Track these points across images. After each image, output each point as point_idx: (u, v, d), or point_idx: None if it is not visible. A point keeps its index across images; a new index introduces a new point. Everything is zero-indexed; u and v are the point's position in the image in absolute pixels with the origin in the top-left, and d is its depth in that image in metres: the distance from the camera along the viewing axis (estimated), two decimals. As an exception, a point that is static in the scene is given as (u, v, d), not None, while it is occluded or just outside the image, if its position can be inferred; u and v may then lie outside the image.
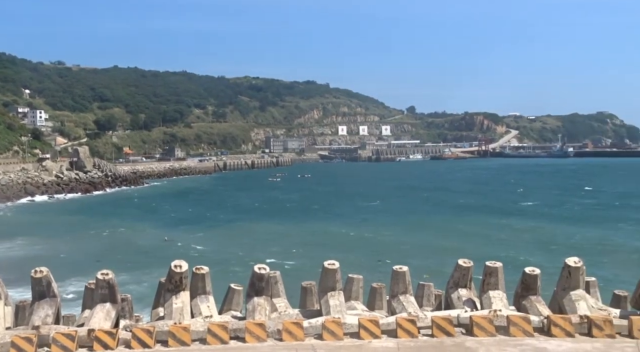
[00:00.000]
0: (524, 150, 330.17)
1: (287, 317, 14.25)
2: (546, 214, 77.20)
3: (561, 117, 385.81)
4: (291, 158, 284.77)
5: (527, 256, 44.85)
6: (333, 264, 14.50)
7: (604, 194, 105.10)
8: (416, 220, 73.62)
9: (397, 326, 13.13)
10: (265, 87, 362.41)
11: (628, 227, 64.64)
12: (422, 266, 36.83)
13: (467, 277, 15.05)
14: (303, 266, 43.22)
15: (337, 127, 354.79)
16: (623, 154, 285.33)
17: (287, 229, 69.44)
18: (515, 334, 12.85)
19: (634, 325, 12.67)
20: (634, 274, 17.52)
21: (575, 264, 13.98)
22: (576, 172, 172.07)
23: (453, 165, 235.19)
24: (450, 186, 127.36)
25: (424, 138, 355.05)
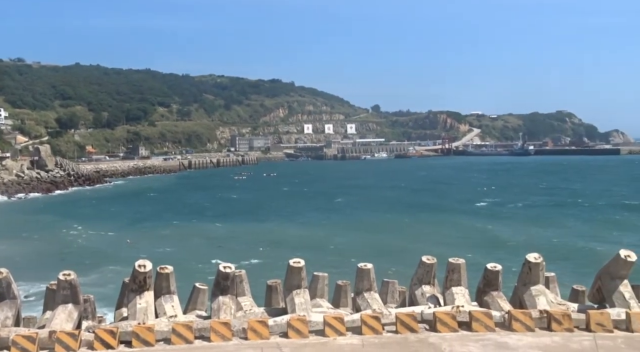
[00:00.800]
0: (486, 149, 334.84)
1: (252, 316, 14.22)
2: (504, 212, 78.42)
3: (522, 116, 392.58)
4: (257, 157, 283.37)
5: (486, 253, 45.55)
6: (298, 263, 14.53)
7: (561, 190, 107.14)
8: (379, 218, 74.13)
9: (361, 322, 13.23)
10: (230, 85, 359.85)
11: (581, 224, 66.04)
12: (386, 263, 37.08)
13: (430, 274, 15.23)
14: (268, 264, 43.17)
15: (303, 126, 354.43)
16: (581, 152, 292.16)
17: (252, 228, 69.31)
18: (478, 329, 13.07)
19: (591, 319, 13.00)
20: (590, 270, 17.96)
21: (535, 260, 14.28)
22: (535, 170, 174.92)
23: (417, 164, 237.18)
24: (410, 185, 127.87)
25: (389, 136, 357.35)
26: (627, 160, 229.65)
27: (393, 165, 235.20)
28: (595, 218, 70.40)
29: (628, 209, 77.66)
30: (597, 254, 45.27)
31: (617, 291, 13.87)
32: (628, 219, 68.90)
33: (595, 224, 65.62)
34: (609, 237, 56.13)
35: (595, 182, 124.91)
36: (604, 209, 78.96)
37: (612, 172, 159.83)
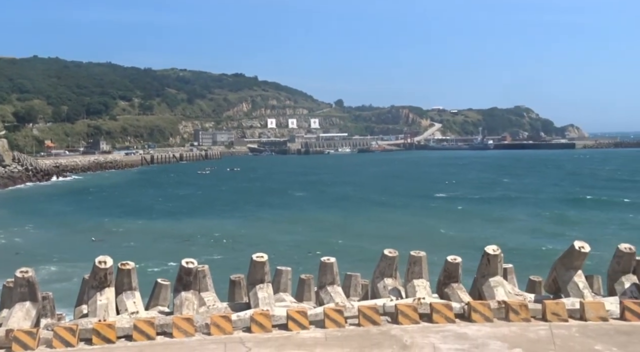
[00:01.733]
0: (447, 143, 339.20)
1: (215, 311, 14.20)
2: (459, 207, 78.68)
3: (481, 111, 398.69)
4: (220, 151, 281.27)
5: (442, 246, 46.02)
6: (261, 257, 14.55)
7: (514, 185, 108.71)
8: (336, 214, 74.48)
9: (324, 316, 13.32)
10: (193, 79, 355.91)
11: (532, 218, 67.15)
12: (347, 256, 37.30)
13: (392, 267, 15.41)
14: (232, 259, 43.05)
15: (267, 120, 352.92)
16: (538, 146, 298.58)
17: (215, 223, 68.95)
18: (438, 320, 13.29)
19: (547, 309, 13.35)
20: (544, 261, 18.43)
21: (493, 252, 14.59)
22: (490, 165, 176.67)
23: (379, 158, 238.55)
24: (368, 180, 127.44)
25: (352, 131, 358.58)
26: (580, 155, 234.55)
27: (355, 159, 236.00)
28: (545, 212, 71.49)
29: (577, 204, 79.06)
30: (549, 247, 46.38)
31: (571, 281, 14.28)
32: (579, 213, 70.30)
33: (545, 218, 66.78)
34: (560, 230, 57.33)
35: (546, 177, 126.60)
36: (554, 203, 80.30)
37: (563, 166, 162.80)
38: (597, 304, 13.35)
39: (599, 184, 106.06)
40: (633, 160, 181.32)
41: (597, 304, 13.35)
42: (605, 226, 59.76)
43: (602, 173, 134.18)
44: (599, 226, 60.14)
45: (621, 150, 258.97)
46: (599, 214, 69.50)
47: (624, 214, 68.55)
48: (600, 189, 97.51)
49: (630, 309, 13.14)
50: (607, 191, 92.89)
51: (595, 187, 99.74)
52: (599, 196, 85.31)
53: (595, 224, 61.79)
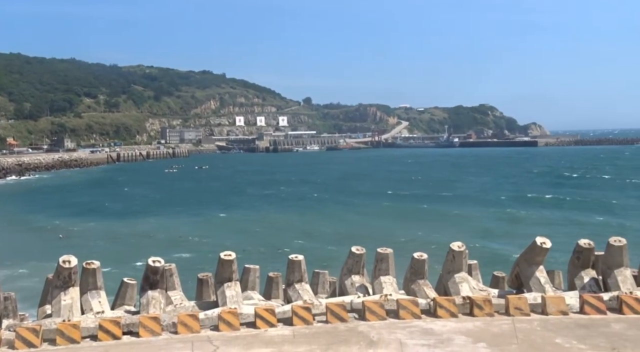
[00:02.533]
0: (413, 141, 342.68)
1: (182, 310, 14.13)
2: (425, 205, 78.92)
3: (447, 109, 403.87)
4: (188, 149, 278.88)
5: (408, 245, 46.49)
6: (229, 255, 14.53)
7: (475, 184, 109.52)
8: (306, 213, 74.67)
9: (292, 313, 13.39)
10: (160, 76, 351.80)
11: (490, 216, 67.88)
12: (317, 255, 37.43)
13: (359, 264, 15.52)
14: (199, 257, 42.83)
15: (235, 118, 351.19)
16: (502, 144, 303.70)
17: (182, 222, 68.51)
18: (405, 316, 13.46)
19: (510, 303, 13.63)
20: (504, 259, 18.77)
21: (459, 248, 14.82)
22: (455, 164, 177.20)
23: (346, 156, 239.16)
24: (329, 180, 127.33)
25: (320, 129, 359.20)
26: (541, 152, 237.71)
27: (323, 158, 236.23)
28: (500, 210, 71.98)
29: (533, 202, 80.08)
30: (503, 246, 46.97)
31: (533, 276, 14.60)
32: (534, 211, 71.16)
33: (500, 216, 67.27)
34: (515, 228, 57.87)
35: (505, 175, 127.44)
36: (509, 201, 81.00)
37: (521, 164, 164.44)
38: (558, 299, 13.68)
39: (552, 182, 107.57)
40: (590, 159, 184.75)
41: (558, 299, 13.68)
42: (561, 223, 60.65)
43: (557, 171, 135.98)
44: (554, 223, 61.06)
45: (581, 148, 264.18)
46: (553, 211, 70.65)
47: (576, 212, 69.63)
48: (553, 187, 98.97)
49: (589, 303, 13.50)
50: (560, 189, 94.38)
51: (549, 185, 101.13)
52: (555, 195, 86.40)
53: (548, 221, 62.68)
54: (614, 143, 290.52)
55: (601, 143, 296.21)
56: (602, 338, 11.92)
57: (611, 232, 29.72)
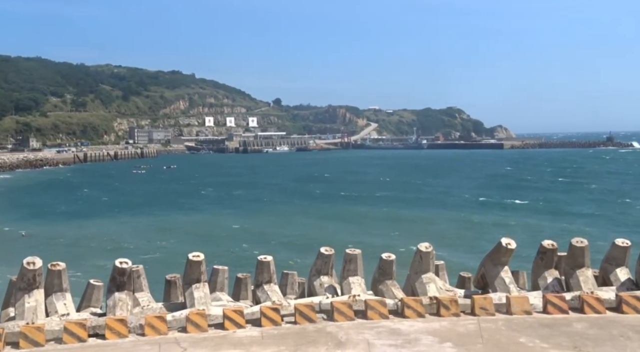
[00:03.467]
0: (382, 143, 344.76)
1: (150, 312, 14.03)
2: (392, 208, 79.02)
3: (416, 111, 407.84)
4: (157, 149, 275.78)
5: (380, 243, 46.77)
6: (198, 256, 14.48)
7: (439, 186, 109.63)
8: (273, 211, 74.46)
9: (261, 315, 13.41)
10: (128, 76, 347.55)
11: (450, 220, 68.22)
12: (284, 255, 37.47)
13: (328, 265, 15.61)
14: (168, 259, 42.47)
15: (204, 118, 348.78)
16: (469, 146, 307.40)
17: (150, 222, 67.84)
18: (373, 317, 13.58)
19: (475, 303, 13.86)
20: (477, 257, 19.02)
21: (426, 249, 15.00)
22: (420, 166, 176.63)
23: (315, 157, 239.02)
24: (294, 181, 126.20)
25: (290, 130, 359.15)
26: (507, 155, 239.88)
27: (292, 158, 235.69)
28: (467, 212, 72.64)
29: (499, 205, 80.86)
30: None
31: (498, 276, 14.87)
32: (499, 213, 71.97)
33: (468, 218, 67.74)
34: (482, 230, 58.50)
35: (470, 177, 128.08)
36: (477, 204, 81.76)
37: (486, 167, 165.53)
38: (522, 299, 13.96)
39: (516, 185, 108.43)
40: (553, 161, 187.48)
41: (522, 299, 13.96)
42: (524, 225, 61.25)
43: (520, 174, 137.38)
44: (518, 224, 61.76)
45: (545, 151, 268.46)
46: (517, 213, 71.50)
47: (538, 214, 70.43)
48: (516, 189, 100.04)
49: (552, 302, 13.81)
50: (523, 192, 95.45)
51: (512, 188, 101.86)
52: (517, 197, 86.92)
53: (512, 223, 63.34)
54: (576, 146, 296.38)
55: (564, 146, 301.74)
56: (564, 337, 12.20)
57: (573, 233, 30.29)
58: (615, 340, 12.00)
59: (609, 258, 15.35)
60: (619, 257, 15.17)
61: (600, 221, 64.05)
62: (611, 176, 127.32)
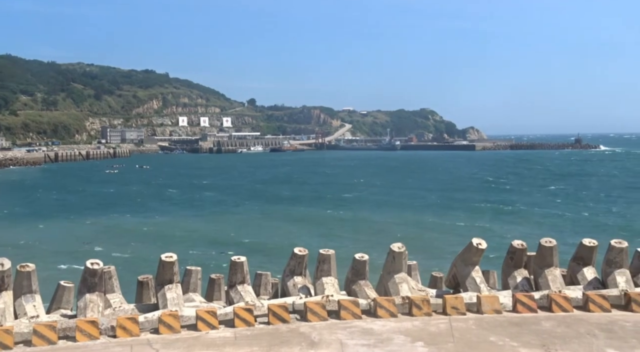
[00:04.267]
0: (356, 144, 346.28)
1: (122, 313, 13.91)
2: (361, 209, 79.37)
3: (390, 113, 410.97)
4: (129, 149, 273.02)
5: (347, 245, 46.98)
6: (170, 257, 14.40)
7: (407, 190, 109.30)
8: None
9: (234, 315, 13.39)
10: (100, 74, 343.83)
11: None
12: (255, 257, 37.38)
13: (302, 265, 15.65)
14: (140, 259, 42.12)
15: (178, 118, 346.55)
16: (442, 147, 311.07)
17: (122, 222, 67.19)
18: (346, 317, 13.65)
19: (447, 303, 14.02)
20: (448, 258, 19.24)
21: (399, 249, 15.13)
22: (394, 167, 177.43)
23: (289, 158, 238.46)
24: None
25: (264, 130, 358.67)
26: (478, 156, 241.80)
27: (265, 159, 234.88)
28: (438, 213, 73.05)
29: (470, 206, 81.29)
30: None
31: (469, 276, 15.07)
32: (471, 214, 72.60)
33: (439, 219, 68.24)
34: (453, 231, 58.83)
35: (443, 178, 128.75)
36: (447, 204, 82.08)
37: (457, 168, 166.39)
38: (492, 298, 14.17)
39: (486, 186, 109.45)
40: (522, 162, 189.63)
41: (492, 298, 14.17)
42: (494, 225, 61.97)
43: (491, 175, 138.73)
44: (489, 225, 62.50)
45: (515, 152, 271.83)
46: (488, 214, 72.30)
47: (509, 214, 71.48)
48: (488, 191, 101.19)
49: (522, 301, 14.04)
50: (495, 193, 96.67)
51: (483, 190, 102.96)
52: (489, 198, 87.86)
53: (483, 223, 64.06)
54: (546, 148, 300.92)
55: (534, 148, 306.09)
56: (533, 335, 12.42)
57: (542, 234, 30.77)
58: (582, 338, 12.26)
59: (577, 257, 15.66)
60: (586, 256, 15.49)
61: (568, 222, 65.25)
62: (579, 177, 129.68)
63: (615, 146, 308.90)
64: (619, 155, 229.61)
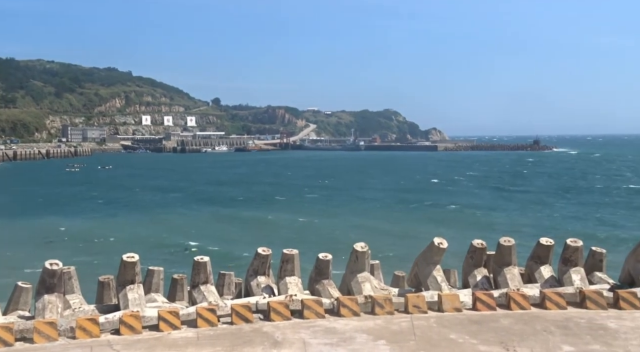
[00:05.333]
0: (321, 144, 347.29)
1: (81, 314, 13.73)
2: (326, 208, 79.86)
3: (354, 113, 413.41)
4: (91, 148, 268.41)
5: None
6: (132, 257, 14.28)
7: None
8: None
9: (197, 315, 13.33)
10: (61, 72, 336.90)
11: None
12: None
13: (265, 265, 15.68)
14: (102, 260, 41.52)
15: (141, 117, 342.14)
16: (405, 148, 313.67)
17: (84, 222, 66.12)
18: (309, 316, 13.72)
19: (409, 302, 14.21)
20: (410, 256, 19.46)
21: (361, 249, 15.28)
22: (353, 167, 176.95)
23: (253, 158, 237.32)
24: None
25: (229, 130, 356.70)
26: (441, 157, 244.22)
27: (229, 159, 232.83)
28: (400, 213, 73.86)
29: (432, 206, 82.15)
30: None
31: (431, 275, 15.31)
32: (432, 214, 73.48)
33: (401, 219, 68.87)
34: (415, 231, 59.27)
35: (404, 179, 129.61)
36: (408, 205, 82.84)
37: (421, 169, 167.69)
38: (453, 296, 14.42)
39: (445, 188, 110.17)
40: (483, 163, 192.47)
41: (453, 296, 14.42)
42: (455, 225, 62.59)
43: (451, 175, 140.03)
44: (452, 225, 63.25)
45: (476, 153, 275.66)
46: (442, 214, 72.91)
47: (471, 215, 72.30)
48: (443, 191, 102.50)
49: (481, 299, 14.33)
50: (449, 192, 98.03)
51: (443, 191, 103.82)
52: (448, 198, 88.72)
53: (448, 223, 64.86)
54: (506, 149, 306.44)
55: (494, 149, 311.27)
56: (492, 333, 12.68)
57: (502, 232, 31.35)
58: (538, 335, 12.56)
59: (534, 256, 16.05)
60: (543, 255, 15.89)
61: (526, 220, 66.53)
62: (537, 177, 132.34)
63: (572, 148, 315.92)
64: (572, 156, 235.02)
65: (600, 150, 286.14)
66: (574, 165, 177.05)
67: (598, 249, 16.30)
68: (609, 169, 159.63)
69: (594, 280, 15.72)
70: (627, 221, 66.47)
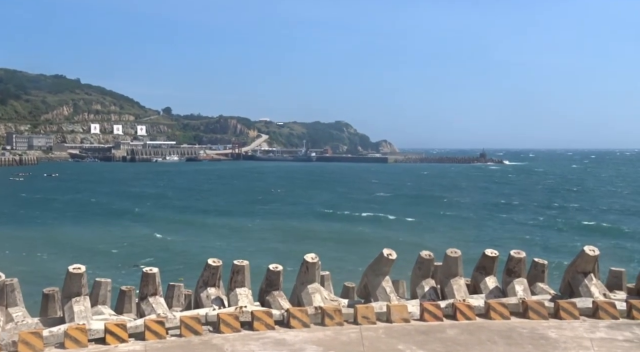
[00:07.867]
0: (273, 154, 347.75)
1: (24, 328, 13.38)
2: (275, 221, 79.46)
3: (306, 125, 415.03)
4: (37, 156, 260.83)
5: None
6: (79, 269, 14.00)
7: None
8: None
9: (145, 328, 13.17)
10: (6, 78, 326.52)
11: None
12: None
13: (216, 276, 15.61)
14: (45, 271, 40.39)
15: (90, 125, 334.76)
16: (356, 159, 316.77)
17: (28, 232, 64.22)
18: (259, 328, 13.73)
19: (358, 313, 14.38)
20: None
21: (312, 260, 15.39)
22: (304, 179, 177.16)
23: (203, 168, 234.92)
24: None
25: (180, 139, 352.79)
26: (390, 168, 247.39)
27: (180, 169, 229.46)
28: (350, 224, 74.39)
29: (378, 218, 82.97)
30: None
31: (380, 286, 15.54)
32: (381, 227, 74.08)
33: (352, 230, 69.51)
34: (363, 242, 59.71)
35: (352, 190, 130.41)
36: (360, 217, 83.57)
37: (369, 180, 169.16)
38: (401, 307, 14.67)
39: (403, 201, 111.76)
40: (434, 177, 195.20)
41: (401, 307, 14.67)
42: (403, 237, 63.41)
43: (399, 188, 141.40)
44: (400, 237, 64.06)
45: (425, 165, 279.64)
46: (393, 227, 73.48)
47: (419, 227, 73.18)
48: (394, 203, 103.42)
49: (428, 310, 14.62)
50: (400, 205, 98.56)
51: (392, 202, 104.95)
52: (397, 211, 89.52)
53: (394, 236, 65.62)
54: (454, 161, 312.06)
55: (442, 161, 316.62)
56: (438, 343, 12.97)
57: (449, 244, 31.83)
58: (483, 344, 12.92)
59: (479, 267, 16.49)
60: (488, 266, 16.34)
61: (474, 232, 67.77)
62: (483, 190, 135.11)
63: (517, 161, 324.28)
64: (519, 169, 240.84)
65: (546, 164, 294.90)
66: (517, 178, 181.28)
67: (540, 261, 16.86)
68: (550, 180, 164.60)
69: (536, 290, 16.23)
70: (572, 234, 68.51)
